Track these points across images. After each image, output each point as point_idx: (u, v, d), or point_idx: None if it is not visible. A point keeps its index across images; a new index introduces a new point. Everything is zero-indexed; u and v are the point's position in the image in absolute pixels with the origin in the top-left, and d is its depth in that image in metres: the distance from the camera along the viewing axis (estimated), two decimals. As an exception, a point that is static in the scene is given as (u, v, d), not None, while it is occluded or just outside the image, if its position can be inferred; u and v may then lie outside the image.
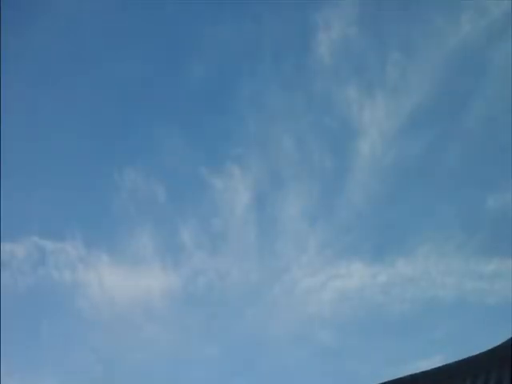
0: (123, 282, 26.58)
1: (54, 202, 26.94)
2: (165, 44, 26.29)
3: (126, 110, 27.06)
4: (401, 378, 10.81)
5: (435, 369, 10.48)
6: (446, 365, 10.42)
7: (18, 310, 24.94)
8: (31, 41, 23.51)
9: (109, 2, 24.72)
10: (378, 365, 24.40)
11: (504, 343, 9.72)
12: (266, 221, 26.75)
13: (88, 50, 25.52)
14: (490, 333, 21.71)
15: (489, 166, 24.85)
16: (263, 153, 26.56)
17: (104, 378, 25.01)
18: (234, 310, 26.95)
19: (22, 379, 24.61)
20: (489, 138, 24.63)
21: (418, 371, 10.87)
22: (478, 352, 10.06)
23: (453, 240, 25.53)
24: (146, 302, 26.98)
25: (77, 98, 26.16)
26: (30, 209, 26.58)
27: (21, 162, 25.10)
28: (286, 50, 25.70)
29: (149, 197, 26.53)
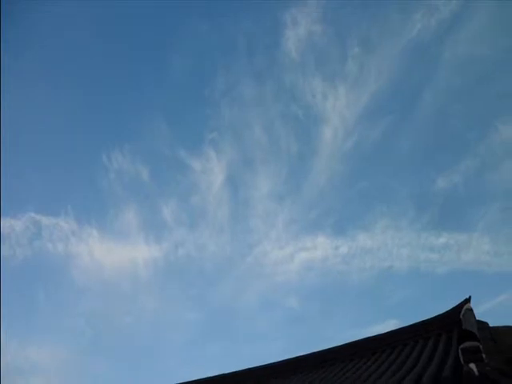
0: (111, 253, 28.41)
1: (48, 181, 28.96)
2: (147, 39, 28.19)
3: (115, 100, 29.16)
4: (357, 341, 11.63)
5: (390, 332, 11.32)
6: (400, 328, 11.26)
7: (16, 279, 26.82)
8: (31, 36, 24.30)
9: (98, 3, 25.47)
10: (339, 328, 26.96)
11: (452, 309, 10.54)
12: (238, 199, 28.60)
13: (80, 45, 26.99)
14: (440, 300, 23.42)
15: (438, 150, 26.99)
16: (236, 138, 28.28)
17: (93, 339, 27.40)
18: (211, 278, 28.95)
19: (21, 343, 26.41)
20: (439, 125, 26.37)
21: (373, 334, 11.76)
22: (429, 317, 10.93)
23: (407, 216, 27.49)
24: (132, 271, 28.90)
25: (70, 89, 27.74)
26: (28, 187, 28.28)
27: (18, 145, 26.48)
28: (258, 45, 27.48)
29: (134, 177, 28.22)
